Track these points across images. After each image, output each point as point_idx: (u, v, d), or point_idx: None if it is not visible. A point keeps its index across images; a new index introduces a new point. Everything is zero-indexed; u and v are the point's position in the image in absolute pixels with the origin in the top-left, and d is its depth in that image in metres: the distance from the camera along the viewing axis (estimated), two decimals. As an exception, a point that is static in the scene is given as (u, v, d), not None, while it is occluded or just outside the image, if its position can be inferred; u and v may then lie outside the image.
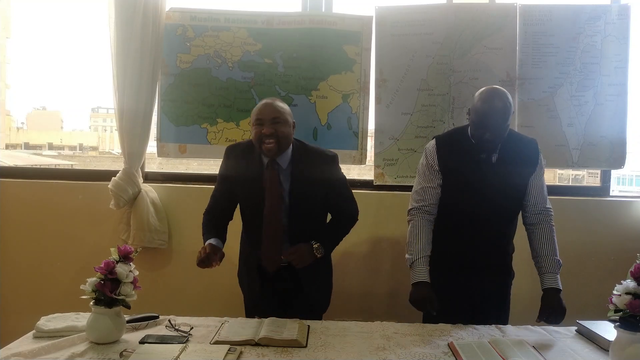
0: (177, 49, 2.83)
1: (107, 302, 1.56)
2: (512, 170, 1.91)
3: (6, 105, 4.14)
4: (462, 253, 1.93)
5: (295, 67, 2.83)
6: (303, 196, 1.95)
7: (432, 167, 1.96)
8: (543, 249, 1.92)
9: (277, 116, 1.90)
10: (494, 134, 1.84)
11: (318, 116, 2.84)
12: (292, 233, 1.95)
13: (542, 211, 1.96)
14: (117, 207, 2.70)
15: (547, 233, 1.94)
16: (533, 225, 1.97)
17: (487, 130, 1.83)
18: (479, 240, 1.92)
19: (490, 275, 1.95)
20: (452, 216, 1.95)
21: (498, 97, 1.85)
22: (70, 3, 6.16)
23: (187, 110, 2.83)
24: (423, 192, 1.98)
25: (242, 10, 2.85)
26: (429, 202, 1.96)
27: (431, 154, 1.98)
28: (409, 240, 1.95)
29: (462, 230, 1.94)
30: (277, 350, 1.55)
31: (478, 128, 1.87)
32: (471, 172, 1.90)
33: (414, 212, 1.98)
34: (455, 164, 1.93)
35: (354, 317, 2.11)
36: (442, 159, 1.95)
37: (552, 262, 1.90)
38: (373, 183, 2.87)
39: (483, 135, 1.85)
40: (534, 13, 2.84)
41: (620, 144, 2.85)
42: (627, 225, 2.85)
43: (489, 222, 1.92)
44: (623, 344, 1.48)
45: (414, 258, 1.90)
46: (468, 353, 1.54)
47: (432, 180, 1.96)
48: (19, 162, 4.36)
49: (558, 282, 1.88)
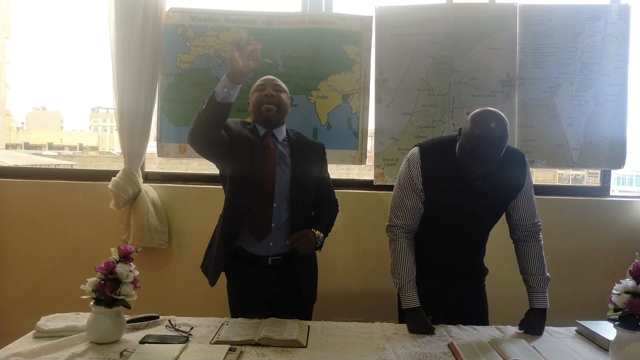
0: (177, 49, 2.83)
1: (107, 302, 1.56)
2: (496, 193, 1.84)
3: (6, 105, 4.15)
4: (438, 262, 1.93)
5: (295, 67, 2.83)
6: (300, 165, 1.96)
7: (415, 184, 1.85)
8: (532, 267, 1.90)
9: (279, 84, 2.01)
10: (484, 167, 1.69)
11: (318, 116, 2.84)
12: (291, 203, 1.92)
13: (531, 227, 1.93)
14: (117, 207, 2.70)
15: (535, 250, 1.92)
16: (521, 242, 1.95)
17: (477, 162, 1.68)
18: (455, 251, 1.91)
19: (464, 278, 1.96)
20: (431, 229, 1.92)
21: (495, 125, 1.65)
22: (70, 3, 6.19)
23: (187, 110, 2.83)
24: (405, 209, 1.90)
25: (242, 10, 2.85)
26: (409, 220, 1.91)
27: (415, 167, 1.85)
28: (393, 263, 1.92)
29: (439, 243, 1.92)
30: (277, 350, 1.55)
31: (467, 157, 1.71)
32: (454, 194, 1.83)
33: (395, 230, 1.92)
34: (439, 183, 1.84)
35: (354, 317, 2.12)
36: (425, 177, 1.84)
37: (541, 280, 1.89)
38: (373, 183, 2.87)
39: (472, 165, 1.70)
40: (534, 13, 2.84)
41: (620, 144, 2.85)
42: (627, 225, 2.85)
43: (466, 236, 1.91)
44: (623, 342, 1.48)
45: (401, 283, 1.89)
46: (468, 353, 1.54)
47: (414, 199, 1.88)
48: (19, 162, 4.37)
49: (546, 300, 1.87)
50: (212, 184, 2.82)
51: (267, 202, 1.91)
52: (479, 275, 2.04)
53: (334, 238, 2.07)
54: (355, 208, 2.82)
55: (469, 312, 1.95)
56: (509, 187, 1.87)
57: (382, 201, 2.84)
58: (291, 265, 1.96)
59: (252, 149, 1.91)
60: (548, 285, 1.90)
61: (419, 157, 1.86)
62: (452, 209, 1.85)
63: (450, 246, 1.91)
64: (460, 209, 1.84)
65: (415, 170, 1.86)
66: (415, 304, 1.85)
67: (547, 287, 1.89)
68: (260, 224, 1.91)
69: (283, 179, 1.93)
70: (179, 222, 2.85)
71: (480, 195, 1.81)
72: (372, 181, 2.87)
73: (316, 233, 1.92)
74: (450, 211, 1.86)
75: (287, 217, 1.93)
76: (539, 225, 1.95)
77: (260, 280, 1.94)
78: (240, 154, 1.91)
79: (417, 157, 1.86)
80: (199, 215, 2.79)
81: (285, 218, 1.93)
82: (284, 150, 1.97)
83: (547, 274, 1.91)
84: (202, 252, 2.12)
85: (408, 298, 1.86)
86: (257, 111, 1.97)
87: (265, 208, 1.91)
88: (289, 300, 1.96)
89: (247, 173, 1.90)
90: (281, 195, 1.92)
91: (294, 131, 2.08)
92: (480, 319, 1.94)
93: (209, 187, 2.82)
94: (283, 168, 1.94)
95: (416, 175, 1.85)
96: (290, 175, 1.94)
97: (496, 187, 1.82)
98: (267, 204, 1.91)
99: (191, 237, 2.83)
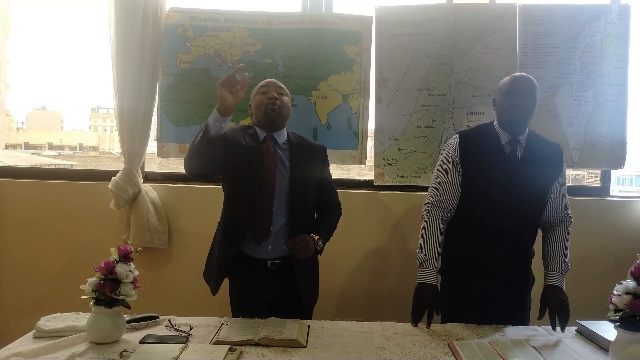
0: (177, 49, 2.83)
1: (107, 302, 1.56)
2: (536, 171, 1.87)
3: (6, 105, 4.15)
4: (481, 257, 1.89)
5: (295, 67, 2.83)
6: (300, 168, 1.96)
7: (453, 161, 1.92)
8: (554, 249, 1.91)
9: (281, 87, 2.01)
10: (525, 100, 1.84)
11: (318, 116, 2.84)
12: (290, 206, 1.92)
13: (563, 217, 1.94)
14: (117, 207, 2.71)
15: (562, 236, 1.93)
16: (550, 228, 1.95)
17: (517, 96, 1.84)
18: (498, 245, 1.87)
19: (509, 280, 1.92)
20: (472, 218, 1.91)
21: (525, 74, 1.91)
22: (70, 3, 6.20)
23: (187, 110, 2.83)
24: (440, 187, 1.94)
25: (242, 10, 2.85)
26: (445, 197, 1.92)
27: (453, 147, 1.94)
28: (421, 237, 1.92)
29: (482, 234, 1.89)
30: (277, 350, 1.55)
31: (505, 98, 1.87)
32: (495, 169, 1.87)
33: (428, 208, 1.95)
34: (479, 158, 1.90)
35: (354, 317, 2.11)
36: (464, 153, 1.91)
37: (561, 263, 1.89)
38: (373, 183, 2.87)
39: (514, 101, 1.84)
40: (534, 13, 2.84)
41: (620, 144, 2.85)
42: (627, 225, 2.85)
43: (510, 225, 1.87)
44: (623, 344, 1.48)
45: (425, 257, 1.88)
46: (468, 353, 1.54)
47: (451, 176, 1.93)
48: (19, 162, 4.37)
49: (562, 282, 1.87)
50: (212, 184, 2.82)
51: (267, 205, 1.91)
52: (524, 279, 1.97)
53: (334, 238, 2.07)
54: (355, 208, 2.82)
55: (508, 317, 1.87)
56: (548, 167, 1.91)
57: (382, 201, 2.85)
58: (291, 269, 1.95)
59: (249, 156, 1.92)
60: (566, 272, 1.89)
61: (458, 139, 1.96)
62: (493, 186, 1.86)
63: (495, 237, 1.87)
64: (502, 187, 1.84)
65: (454, 149, 1.94)
66: (432, 281, 1.85)
67: (565, 272, 1.88)
68: (261, 228, 1.91)
69: (282, 182, 1.93)
70: (179, 222, 2.85)
71: (521, 172, 1.85)
72: (372, 181, 2.87)
73: (315, 238, 1.92)
74: (492, 191, 1.86)
75: (285, 220, 1.93)
76: (570, 217, 1.97)
77: (260, 283, 1.94)
78: (239, 162, 1.91)
79: (456, 139, 1.97)
80: (199, 215, 2.79)
81: (284, 222, 1.93)
82: (283, 154, 1.97)
83: (568, 262, 1.90)
84: (202, 252, 2.12)
85: (425, 273, 1.87)
86: (261, 113, 1.96)
87: (265, 212, 1.91)
88: (289, 304, 1.96)
89: (246, 179, 1.91)
90: (280, 199, 1.92)
91: (295, 134, 2.08)
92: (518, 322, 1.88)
93: (209, 187, 2.82)
94: (282, 172, 1.94)
95: (454, 153, 1.93)
96: (288, 179, 1.94)
97: (536, 163, 1.87)
98: (267, 207, 1.91)
99: (191, 237, 2.83)
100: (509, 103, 1.86)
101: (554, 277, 1.88)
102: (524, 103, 1.85)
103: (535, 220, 1.95)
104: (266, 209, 1.91)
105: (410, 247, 2.70)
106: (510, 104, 1.86)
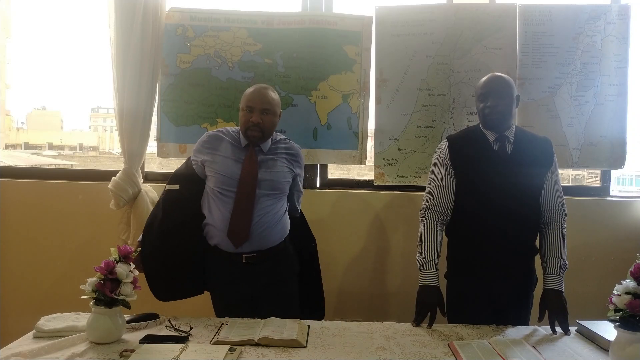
0: (177, 49, 2.83)
1: (107, 302, 1.56)
2: (528, 167, 1.89)
3: (6, 105, 4.15)
4: (482, 258, 1.90)
5: (295, 67, 2.83)
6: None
7: (445, 164, 1.95)
8: (552, 250, 1.92)
9: (268, 108, 1.95)
10: (495, 100, 1.87)
11: (318, 116, 2.84)
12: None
13: (557, 210, 1.95)
14: (117, 207, 2.70)
15: (558, 235, 1.93)
16: (546, 225, 1.96)
17: (487, 98, 1.89)
18: (499, 242, 1.88)
19: (513, 279, 1.92)
20: (470, 218, 1.92)
21: (497, 74, 1.96)
22: (70, 3, 6.19)
23: (187, 110, 2.83)
24: (434, 191, 1.97)
25: (242, 10, 2.85)
26: (440, 201, 1.95)
27: (443, 150, 1.98)
28: (420, 241, 1.95)
29: (481, 233, 1.90)
30: (277, 350, 1.55)
31: (481, 100, 1.91)
32: (487, 165, 1.89)
33: (424, 212, 1.98)
34: (469, 157, 1.93)
35: (354, 317, 2.12)
36: (454, 154, 1.94)
37: (559, 264, 1.89)
38: (373, 183, 2.87)
39: (486, 103, 1.89)
40: (534, 13, 2.84)
41: (620, 144, 2.85)
42: (627, 225, 2.85)
43: (508, 222, 1.87)
44: (623, 343, 1.48)
45: (424, 260, 1.90)
46: (468, 353, 1.54)
47: (444, 179, 1.95)
48: (19, 162, 4.36)
49: (561, 284, 1.88)
50: (212, 184, 2.82)
51: (247, 211, 1.92)
52: (528, 279, 1.98)
53: (334, 238, 2.07)
54: (355, 208, 2.82)
55: (514, 317, 1.89)
56: (539, 162, 1.93)
57: (382, 201, 2.85)
58: (268, 263, 1.96)
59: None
60: (564, 272, 1.89)
61: (447, 143, 2.00)
62: (486, 185, 1.88)
63: (493, 237, 1.88)
64: (494, 184, 1.86)
65: (444, 153, 1.98)
66: (434, 282, 1.88)
67: (563, 273, 1.89)
68: (239, 232, 1.92)
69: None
70: (179, 222, 2.85)
71: (512, 169, 1.87)
72: (372, 181, 2.87)
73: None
74: (485, 190, 1.88)
75: (258, 219, 1.93)
76: (565, 210, 1.97)
77: (236, 279, 1.95)
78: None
79: (445, 143, 2.01)
80: (199, 215, 2.78)
81: (256, 221, 1.93)
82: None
83: (566, 261, 1.91)
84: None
85: (426, 275, 1.89)
86: (242, 129, 1.98)
87: (244, 217, 1.92)
88: (272, 298, 1.96)
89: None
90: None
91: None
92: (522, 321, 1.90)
93: (209, 187, 2.81)
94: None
95: (445, 156, 1.96)
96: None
97: (527, 159, 1.89)
98: (247, 215, 1.92)
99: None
100: (482, 105, 1.92)
101: (553, 279, 1.89)
102: (495, 103, 1.88)
103: (532, 213, 1.95)
104: (245, 215, 1.91)
105: (411, 247, 2.69)
106: (484, 106, 1.91)
